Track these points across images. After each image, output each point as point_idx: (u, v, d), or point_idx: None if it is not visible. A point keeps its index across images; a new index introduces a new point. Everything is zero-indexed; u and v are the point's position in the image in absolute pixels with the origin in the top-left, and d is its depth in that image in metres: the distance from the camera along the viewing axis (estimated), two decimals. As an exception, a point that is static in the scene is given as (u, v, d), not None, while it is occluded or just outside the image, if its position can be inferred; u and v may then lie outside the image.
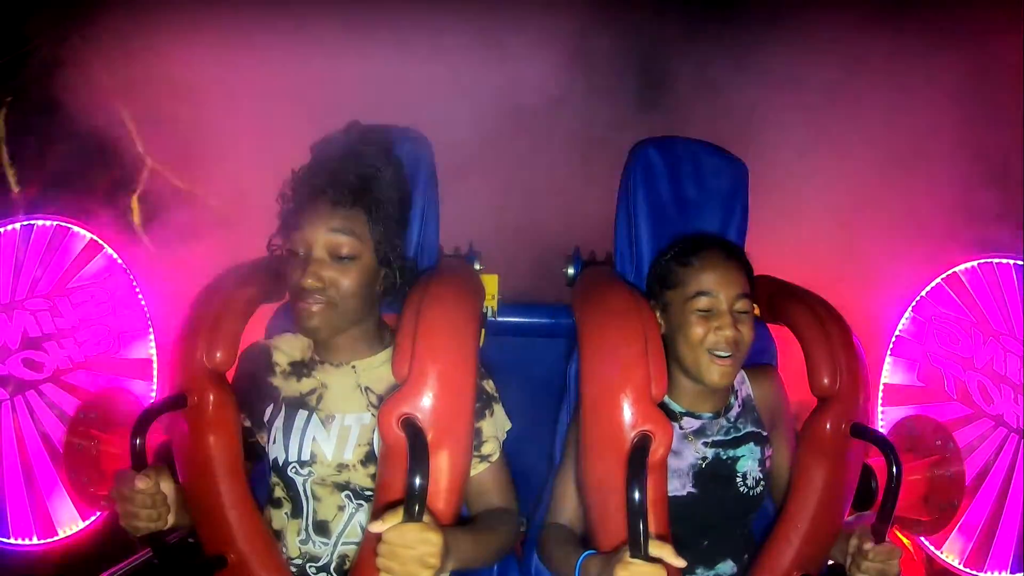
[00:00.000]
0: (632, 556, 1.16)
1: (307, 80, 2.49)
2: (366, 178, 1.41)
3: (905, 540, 2.13)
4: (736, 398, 1.60)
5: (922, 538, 2.19)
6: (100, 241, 2.27)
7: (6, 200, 2.21)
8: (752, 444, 1.56)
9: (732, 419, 1.58)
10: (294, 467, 1.46)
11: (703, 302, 1.49)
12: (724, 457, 1.54)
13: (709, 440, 1.54)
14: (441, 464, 1.29)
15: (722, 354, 1.47)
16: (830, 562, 1.55)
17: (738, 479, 1.53)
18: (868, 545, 1.35)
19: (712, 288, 1.49)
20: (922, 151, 2.46)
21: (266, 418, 1.50)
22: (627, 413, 1.33)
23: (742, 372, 1.64)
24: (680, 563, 1.18)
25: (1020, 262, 2.14)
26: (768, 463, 1.57)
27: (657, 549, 1.17)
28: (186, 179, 2.35)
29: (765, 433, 1.59)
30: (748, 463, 1.54)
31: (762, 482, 1.55)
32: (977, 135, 2.35)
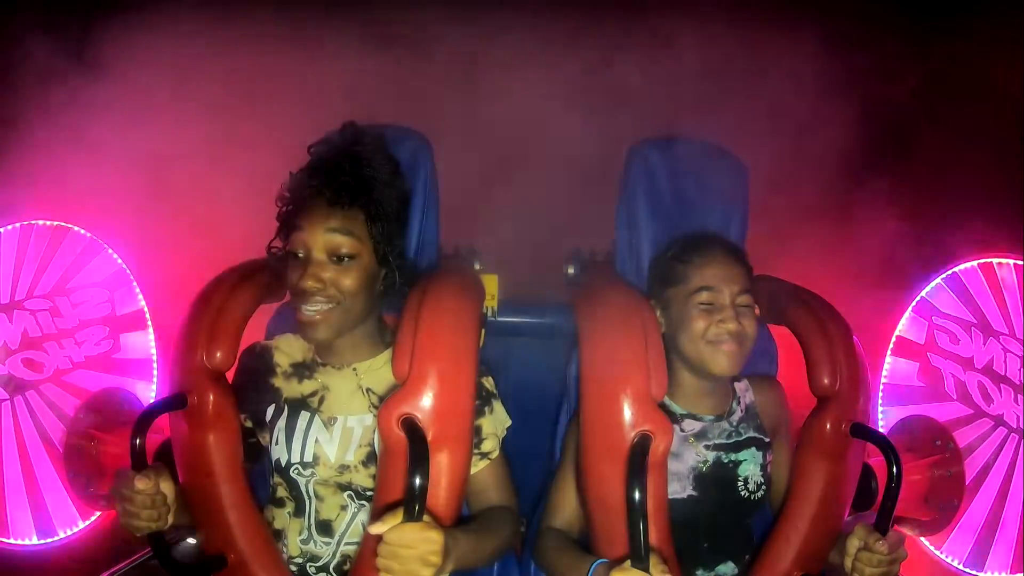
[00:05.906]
0: (633, 566, 1.16)
1: (311, 81, 2.49)
2: (364, 178, 1.41)
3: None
4: (739, 404, 1.60)
5: (922, 538, 2.19)
6: (100, 241, 2.27)
7: (6, 200, 2.21)
8: (754, 449, 1.56)
9: (734, 423, 1.57)
10: (296, 468, 1.46)
11: (705, 296, 1.48)
12: (725, 460, 1.53)
13: (711, 443, 1.54)
14: (441, 464, 1.29)
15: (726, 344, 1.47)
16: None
17: (739, 483, 1.53)
18: (877, 545, 1.32)
19: (714, 283, 1.49)
20: (922, 150, 2.45)
21: (267, 419, 1.50)
22: (627, 413, 1.33)
23: (746, 380, 1.63)
24: None
25: (1020, 262, 2.13)
26: (769, 467, 1.57)
27: (657, 568, 1.16)
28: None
29: (767, 439, 1.59)
30: (750, 467, 1.54)
31: (763, 486, 1.54)
32: (978, 133, 2.35)
